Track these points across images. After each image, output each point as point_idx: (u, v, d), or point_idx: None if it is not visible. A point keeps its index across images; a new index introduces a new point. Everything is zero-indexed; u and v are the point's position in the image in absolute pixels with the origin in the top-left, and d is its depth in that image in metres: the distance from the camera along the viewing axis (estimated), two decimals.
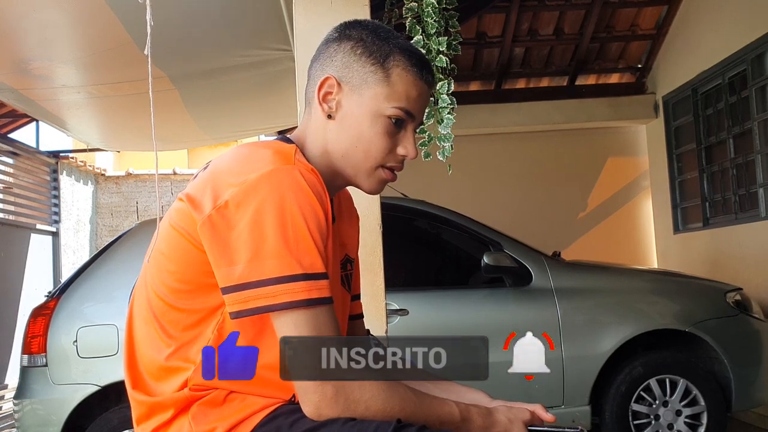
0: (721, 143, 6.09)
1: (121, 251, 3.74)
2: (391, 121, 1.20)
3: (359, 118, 1.21)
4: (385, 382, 1.11)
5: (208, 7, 3.46)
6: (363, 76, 1.20)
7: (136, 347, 1.22)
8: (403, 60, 1.21)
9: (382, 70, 1.20)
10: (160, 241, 1.22)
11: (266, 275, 1.06)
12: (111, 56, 3.84)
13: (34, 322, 3.51)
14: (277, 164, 1.11)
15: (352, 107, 1.21)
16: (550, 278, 3.84)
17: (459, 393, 1.35)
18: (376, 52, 1.21)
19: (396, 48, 1.21)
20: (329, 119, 1.23)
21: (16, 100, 4.77)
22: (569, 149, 7.44)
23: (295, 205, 1.08)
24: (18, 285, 6.67)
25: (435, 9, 2.46)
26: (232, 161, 1.17)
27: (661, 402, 3.77)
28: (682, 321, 3.86)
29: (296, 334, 1.07)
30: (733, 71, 5.75)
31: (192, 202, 1.14)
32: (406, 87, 1.20)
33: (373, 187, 1.26)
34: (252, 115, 5.59)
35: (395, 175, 1.26)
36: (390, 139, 1.21)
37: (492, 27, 6.87)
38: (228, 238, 1.08)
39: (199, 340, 1.15)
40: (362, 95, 1.20)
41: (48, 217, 7.65)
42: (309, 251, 1.08)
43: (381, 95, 1.20)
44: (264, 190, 1.08)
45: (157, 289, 1.19)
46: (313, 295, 1.07)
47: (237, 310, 1.08)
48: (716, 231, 6.13)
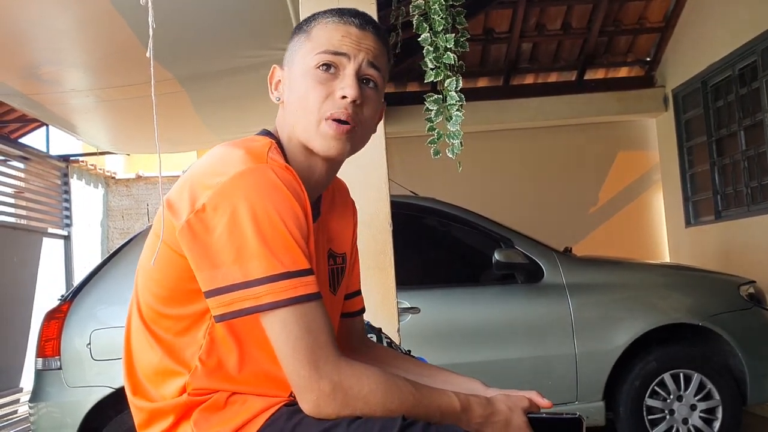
0: (732, 135, 6.05)
1: (133, 253, 3.75)
2: (320, 70, 1.19)
3: (296, 85, 1.22)
4: (382, 375, 1.10)
5: (215, 8, 3.47)
6: (293, 48, 1.25)
7: (133, 354, 1.22)
8: (323, 16, 1.23)
9: (304, 34, 1.23)
10: (145, 248, 1.22)
11: (248, 276, 1.05)
12: (119, 59, 3.86)
13: (48, 326, 3.53)
14: (249, 164, 1.10)
15: (290, 80, 1.24)
16: (561, 274, 3.83)
17: (455, 382, 1.34)
18: (303, 25, 1.25)
19: (319, 13, 1.25)
20: (281, 104, 1.26)
21: (26, 104, 4.80)
22: (579, 144, 7.41)
23: (270, 204, 1.07)
24: (31, 289, 6.70)
25: (442, 6, 2.45)
26: (206, 163, 1.16)
27: (676, 396, 3.75)
28: (695, 315, 3.84)
29: (285, 332, 1.06)
30: (744, 63, 5.71)
31: (170, 208, 1.13)
32: (326, 34, 1.20)
33: (323, 146, 1.19)
34: (260, 115, 5.59)
35: (343, 125, 1.18)
36: (323, 87, 1.18)
37: (499, 23, 6.85)
38: (208, 241, 1.07)
39: (191, 345, 1.15)
40: (294, 64, 1.23)
41: (59, 220, 7.68)
42: (289, 249, 1.07)
43: (305, 53, 1.21)
44: (237, 191, 1.07)
45: (145, 297, 1.19)
46: (299, 293, 1.06)
47: (221, 313, 1.07)
48: (728, 224, 6.09)
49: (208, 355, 1.15)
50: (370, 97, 1.22)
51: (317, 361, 1.06)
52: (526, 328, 3.80)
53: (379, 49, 1.23)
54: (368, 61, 1.20)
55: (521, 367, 3.73)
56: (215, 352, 1.15)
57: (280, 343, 1.07)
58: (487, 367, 3.64)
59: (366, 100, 1.20)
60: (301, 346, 1.06)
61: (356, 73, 1.19)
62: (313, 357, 1.06)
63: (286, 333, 1.06)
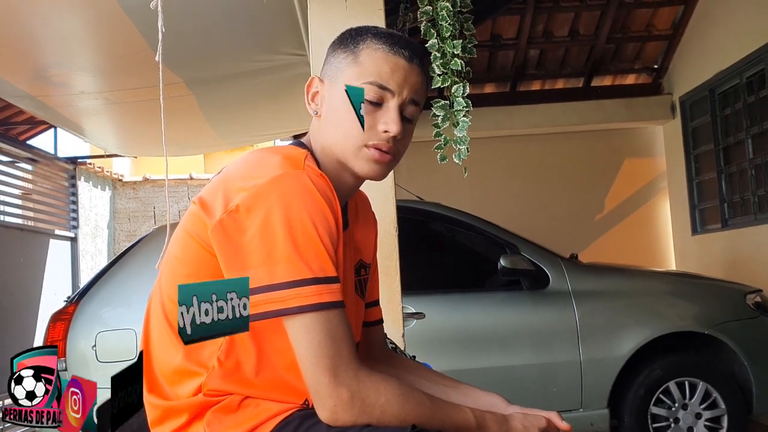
0: (739, 143, 6.04)
1: (139, 256, 3.77)
2: (365, 102, 1.20)
3: (337, 104, 1.22)
4: (400, 386, 1.11)
5: (223, 12, 3.48)
6: (337, 65, 1.24)
7: (151, 351, 1.23)
8: (373, 41, 1.23)
9: (352, 55, 1.23)
10: (173, 245, 1.23)
11: (276, 279, 1.06)
12: (127, 62, 3.88)
13: (54, 327, 3.54)
14: (286, 169, 1.12)
15: (331, 97, 1.24)
16: (567, 281, 3.82)
17: (475, 397, 1.34)
18: (349, 42, 1.24)
19: (368, 34, 1.24)
20: (318, 117, 1.26)
21: (34, 107, 4.82)
22: (585, 151, 7.40)
23: (304, 209, 1.08)
24: (37, 290, 6.73)
25: (450, 12, 2.46)
26: (243, 166, 1.18)
27: (681, 405, 3.74)
28: (701, 323, 3.82)
29: (308, 337, 1.07)
30: (751, 71, 5.70)
31: (204, 207, 1.15)
32: (376, 63, 1.21)
33: (364, 169, 1.22)
34: (267, 120, 5.61)
35: (385, 154, 1.21)
36: (366, 117, 1.19)
37: (507, 29, 6.85)
38: (239, 242, 1.09)
39: (211, 345, 1.15)
40: (337, 83, 1.23)
41: (66, 222, 7.71)
42: (318, 255, 1.08)
43: (352, 76, 1.21)
44: (273, 195, 1.09)
45: (170, 293, 1.20)
46: (324, 299, 1.07)
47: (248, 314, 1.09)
48: (735, 232, 6.07)
49: (226, 355, 1.15)
50: (408, 130, 1.25)
51: (337, 368, 1.07)
52: (532, 334, 3.79)
53: (422, 83, 1.25)
54: (411, 98, 1.23)
55: (526, 373, 3.72)
56: (234, 354, 1.16)
57: (302, 349, 1.07)
58: (491, 373, 3.64)
59: (404, 133, 1.24)
60: (322, 353, 1.06)
61: (399, 108, 1.22)
62: (334, 364, 1.06)
63: (308, 338, 1.07)
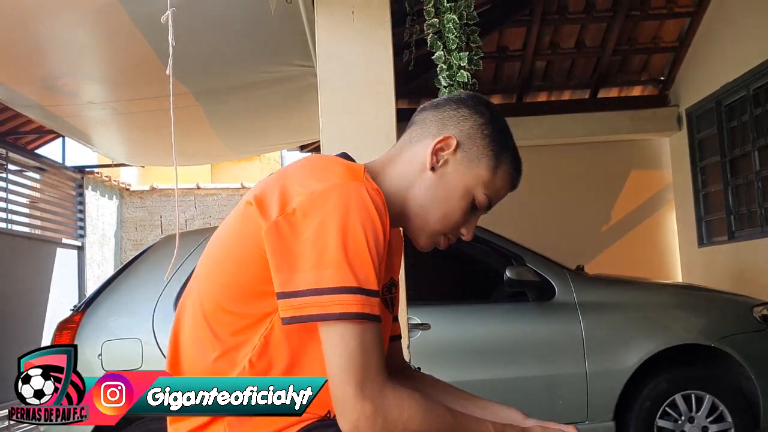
0: (745, 156, 6.03)
1: (145, 265, 3.77)
2: (473, 202, 1.28)
3: (455, 186, 1.26)
4: (424, 402, 1.12)
5: (230, 24, 3.51)
6: (480, 154, 1.27)
7: (181, 349, 1.23)
8: (512, 162, 1.30)
9: (495, 160, 1.27)
10: (216, 244, 1.24)
11: (323, 284, 1.07)
12: (136, 73, 3.91)
13: (60, 336, 3.55)
14: (347, 179, 1.14)
15: (455, 173, 1.27)
16: (573, 292, 3.81)
17: (493, 410, 1.36)
18: (499, 142, 1.28)
19: (511, 148, 1.30)
20: (430, 170, 1.27)
21: (43, 116, 4.85)
22: (592, 162, 7.39)
23: (358, 221, 1.10)
24: (44, 299, 6.75)
25: (456, 25, 2.47)
26: (303, 170, 1.20)
27: (687, 418, 3.72)
28: (707, 336, 3.81)
29: (341, 346, 1.07)
30: (758, 83, 5.70)
31: (260, 206, 1.15)
32: (502, 183, 1.29)
33: (427, 246, 1.33)
34: (275, 130, 5.64)
35: (446, 246, 1.34)
36: (464, 217, 1.28)
37: (513, 40, 6.87)
38: (292, 244, 1.10)
39: (245, 346, 1.16)
40: (469, 169, 1.26)
41: (73, 231, 7.75)
42: (365, 266, 1.09)
43: (482, 178, 1.26)
44: (331, 202, 1.10)
45: (212, 288, 1.20)
46: (365, 310, 1.08)
47: (291, 315, 1.09)
48: (742, 244, 6.05)
49: (259, 357, 1.16)
50: None
51: (364, 381, 1.07)
52: (537, 346, 3.79)
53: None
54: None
55: (531, 385, 3.71)
56: (266, 356, 1.16)
57: (333, 357, 1.08)
58: (497, 385, 3.63)
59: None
60: (352, 364, 1.07)
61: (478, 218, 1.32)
62: (362, 377, 1.07)
63: (342, 346, 1.07)
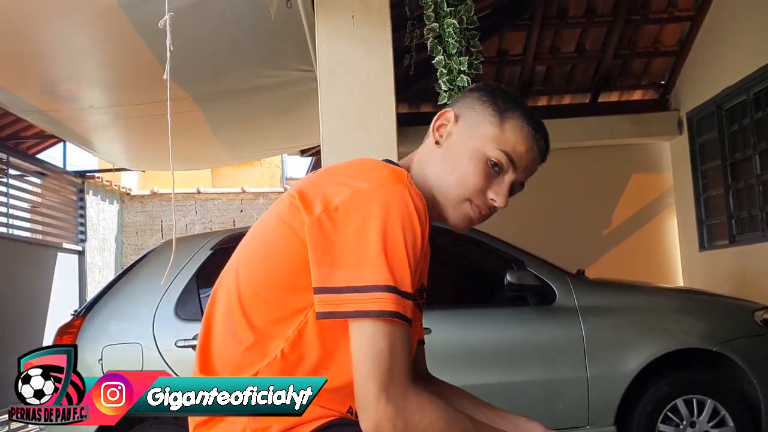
0: (746, 160, 6.03)
1: (146, 270, 3.77)
2: (490, 163, 1.26)
3: (463, 151, 1.27)
4: (446, 409, 1.12)
5: (232, 29, 3.51)
6: (480, 117, 1.28)
7: (212, 337, 1.23)
8: (522, 117, 1.28)
9: (499, 117, 1.27)
10: (263, 230, 1.25)
11: (362, 282, 1.08)
12: (137, 78, 3.91)
13: (61, 340, 3.55)
14: (391, 181, 1.16)
15: (460, 140, 1.28)
16: (574, 297, 3.80)
17: (515, 422, 1.37)
18: (501, 104, 1.29)
19: (520, 108, 1.29)
20: (437, 146, 1.30)
21: (44, 121, 4.86)
22: (592, 166, 7.39)
23: (399, 223, 1.11)
24: (45, 303, 6.75)
25: (456, 29, 2.47)
26: (349, 170, 1.22)
27: (689, 422, 3.71)
28: (708, 340, 3.80)
29: (369, 344, 1.08)
30: (759, 87, 5.70)
31: (304, 201, 1.17)
32: (516, 138, 1.27)
33: (458, 219, 1.30)
34: (275, 135, 5.64)
35: (481, 215, 1.29)
36: (484, 179, 1.26)
37: (513, 45, 6.87)
38: (333, 241, 1.11)
39: (278, 338, 1.17)
40: (473, 133, 1.28)
41: (74, 236, 7.75)
42: (402, 267, 1.10)
43: (490, 136, 1.26)
44: (375, 202, 1.12)
45: (250, 277, 1.21)
46: (399, 310, 1.09)
47: (328, 311, 1.10)
48: (743, 248, 6.05)
49: (291, 349, 1.16)
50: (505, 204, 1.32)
51: (389, 382, 1.07)
52: (538, 350, 3.78)
53: (535, 171, 1.33)
54: (523, 181, 1.30)
55: (532, 389, 3.70)
56: (298, 349, 1.17)
57: (360, 355, 1.09)
58: (498, 389, 3.62)
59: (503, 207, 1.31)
60: (379, 364, 1.08)
61: (511, 183, 1.28)
62: (387, 378, 1.07)
63: (370, 345, 1.08)
